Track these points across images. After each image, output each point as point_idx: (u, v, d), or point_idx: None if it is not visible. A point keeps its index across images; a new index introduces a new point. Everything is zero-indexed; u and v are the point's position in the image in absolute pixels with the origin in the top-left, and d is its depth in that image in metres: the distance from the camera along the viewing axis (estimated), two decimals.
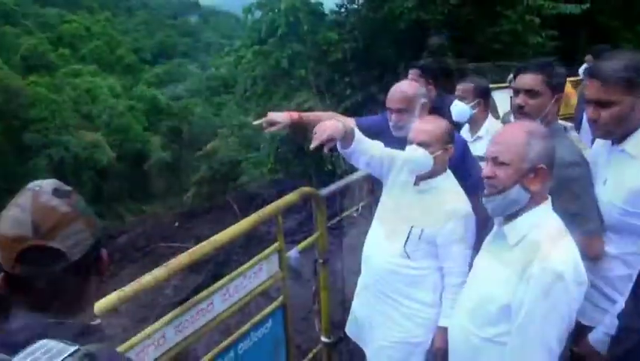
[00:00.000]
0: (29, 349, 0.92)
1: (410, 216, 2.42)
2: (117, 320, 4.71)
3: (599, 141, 2.24)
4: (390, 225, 2.51)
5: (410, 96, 2.77)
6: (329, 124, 2.40)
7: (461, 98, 3.53)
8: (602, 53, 3.38)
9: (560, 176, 1.88)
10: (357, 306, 2.80)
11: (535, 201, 1.81)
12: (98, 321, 1.20)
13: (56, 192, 1.12)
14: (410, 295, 2.45)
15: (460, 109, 3.50)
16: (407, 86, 2.86)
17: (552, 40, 9.45)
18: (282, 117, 2.85)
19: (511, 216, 1.84)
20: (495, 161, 1.82)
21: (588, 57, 4.29)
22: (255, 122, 2.86)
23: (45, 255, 1.06)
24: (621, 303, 1.93)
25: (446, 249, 2.35)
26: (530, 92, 2.29)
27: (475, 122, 3.56)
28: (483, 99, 3.54)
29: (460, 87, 3.60)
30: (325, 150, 2.41)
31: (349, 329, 2.86)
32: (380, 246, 2.54)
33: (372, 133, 2.83)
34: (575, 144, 2.33)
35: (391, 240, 2.47)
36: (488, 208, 1.87)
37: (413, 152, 2.35)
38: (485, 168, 1.86)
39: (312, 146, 2.37)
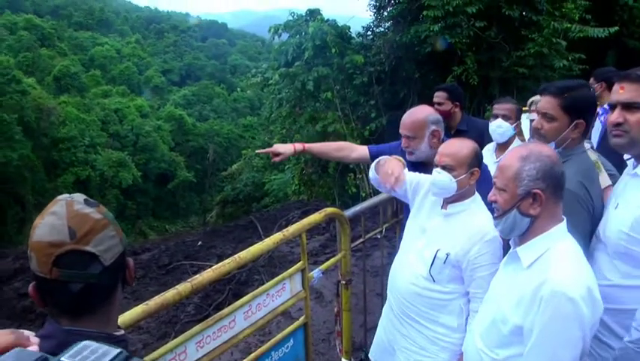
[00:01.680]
0: (75, 348, 0.93)
1: (436, 240, 2.40)
2: (138, 336, 4.73)
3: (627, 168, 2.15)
4: (417, 248, 2.48)
5: (419, 123, 2.80)
6: (395, 165, 2.60)
7: (505, 118, 3.46)
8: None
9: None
10: (381, 329, 2.78)
11: (547, 223, 1.78)
12: (121, 332, 1.21)
13: (87, 201, 1.19)
14: (435, 319, 2.42)
15: (505, 129, 3.43)
16: (418, 113, 2.87)
17: (579, 64, 9.33)
18: (285, 148, 3.17)
19: (525, 238, 1.83)
20: (495, 186, 1.86)
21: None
22: (258, 151, 3.14)
23: (81, 259, 1.12)
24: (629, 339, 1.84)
25: (471, 273, 2.30)
26: (546, 116, 2.25)
27: (505, 145, 3.51)
28: (520, 121, 3.51)
29: (502, 107, 3.51)
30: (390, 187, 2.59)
31: (373, 354, 2.83)
32: (406, 268, 2.51)
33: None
34: (580, 171, 2.18)
35: (417, 263, 2.44)
36: (498, 230, 1.92)
37: (437, 175, 2.34)
38: (490, 193, 1.90)
39: (387, 187, 2.60)
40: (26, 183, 31.53)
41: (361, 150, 3.21)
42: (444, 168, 2.32)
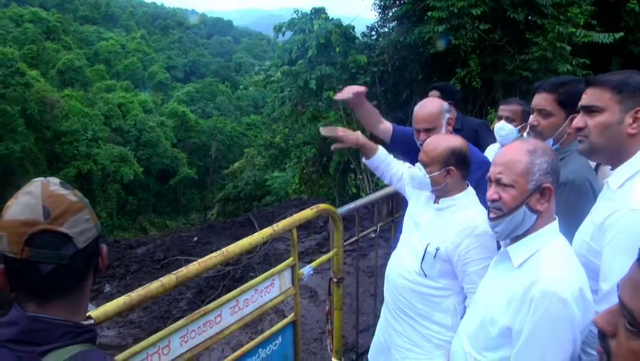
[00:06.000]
0: None
1: (428, 234, 2.39)
2: (129, 330, 4.69)
3: None
4: (411, 242, 2.48)
5: (435, 114, 2.79)
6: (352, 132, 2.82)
7: (509, 120, 3.35)
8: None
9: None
10: (378, 330, 2.77)
11: (541, 222, 1.74)
12: (90, 321, 1.18)
13: (63, 184, 1.17)
14: (429, 316, 2.40)
15: (508, 131, 3.31)
16: (431, 104, 2.86)
17: (583, 69, 9.26)
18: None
19: (516, 238, 1.78)
20: (498, 183, 1.77)
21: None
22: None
23: (54, 239, 1.09)
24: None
25: (463, 268, 2.28)
26: (542, 112, 2.30)
27: None
28: (526, 123, 3.42)
29: (507, 108, 3.41)
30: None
31: (371, 355, 2.82)
32: (399, 263, 2.51)
33: (402, 142, 3.06)
34: (584, 166, 2.19)
35: (410, 257, 2.44)
36: (495, 232, 1.82)
37: (414, 169, 2.42)
38: (489, 191, 1.80)
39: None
40: (28, 175, 31.44)
41: (387, 124, 3.19)
42: (420, 163, 2.38)
